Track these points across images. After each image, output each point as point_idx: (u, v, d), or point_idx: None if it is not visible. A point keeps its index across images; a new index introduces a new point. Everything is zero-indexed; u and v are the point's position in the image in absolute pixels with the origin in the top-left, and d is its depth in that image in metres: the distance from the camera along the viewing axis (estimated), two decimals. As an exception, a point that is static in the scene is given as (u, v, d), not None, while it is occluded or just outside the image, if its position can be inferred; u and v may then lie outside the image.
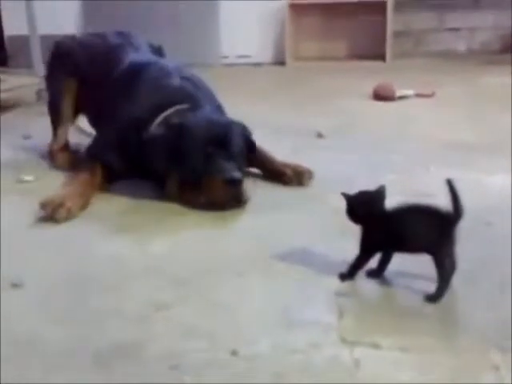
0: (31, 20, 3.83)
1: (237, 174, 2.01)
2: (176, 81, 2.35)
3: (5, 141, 3.01)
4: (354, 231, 1.52)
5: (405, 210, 1.48)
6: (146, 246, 1.79)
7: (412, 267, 1.54)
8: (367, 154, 2.62)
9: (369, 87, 3.91)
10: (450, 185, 1.45)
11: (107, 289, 1.54)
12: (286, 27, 5.65)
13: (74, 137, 2.79)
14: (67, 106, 2.68)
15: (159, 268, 1.64)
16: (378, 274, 1.54)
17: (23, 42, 4.16)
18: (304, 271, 1.59)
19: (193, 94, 2.30)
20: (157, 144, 2.12)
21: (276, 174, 2.33)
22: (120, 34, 2.82)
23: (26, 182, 2.40)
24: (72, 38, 2.91)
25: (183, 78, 2.39)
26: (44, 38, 4.02)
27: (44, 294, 1.53)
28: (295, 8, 5.75)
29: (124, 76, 2.48)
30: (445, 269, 1.42)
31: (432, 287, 1.42)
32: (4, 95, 3.71)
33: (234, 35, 5.79)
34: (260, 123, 3.21)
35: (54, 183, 2.34)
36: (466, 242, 1.50)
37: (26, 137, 3.06)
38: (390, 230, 1.47)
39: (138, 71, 2.43)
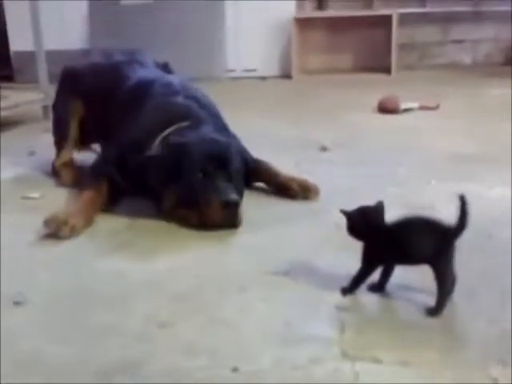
0: (37, 35, 3.86)
1: (233, 196, 2.00)
2: (180, 99, 2.35)
3: (10, 157, 3.02)
4: (356, 245, 1.52)
5: (405, 223, 1.48)
6: (147, 262, 1.79)
7: (413, 280, 1.54)
8: (371, 167, 2.62)
9: (374, 100, 3.92)
10: (462, 200, 1.44)
11: (109, 306, 1.54)
12: (291, 41, 5.67)
13: (78, 154, 2.81)
14: (73, 125, 2.71)
15: (161, 285, 1.64)
16: (380, 288, 1.53)
17: (29, 57, 4.20)
18: (306, 286, 1.59)
19: (195, 112, 2.31)
20: (154, 164, 2.12)
21: (282, 188, 2.33)
22: (126, 52, 2.85)
23: (31, 198, 2.41)
24: (81, 61, 2.96)
25: (188, 95, 2.40)
26: (50, 53, 4.05)
27: (46, 312, 1.53)
28: (301, 22, 5.78)
29: (130, 93, 2.50)
30: (445, 281, 1.42)
31: (433, 300, 1.41)
32: (10, 111, 3.73)
33: (239, 49, 5.82)
34: (265, 136, 3.23)
35: (59, 200, 2.36)
36: (467, 254, 1.50)
37: (31, 153, 3.07)
38: (391, 243, 1.47)
39: (144, 88, 2.45)
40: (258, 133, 3.30)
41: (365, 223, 1.50)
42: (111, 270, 1.74)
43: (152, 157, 2.15)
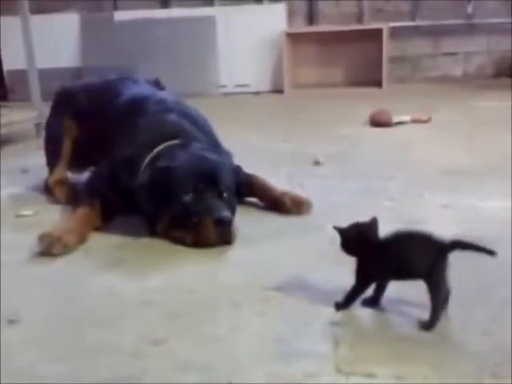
0: (30, 54, 3.88)
1: (225, 214, 1.99)
2: (173, 116, 2.36)
3: (3, 175, 3.03)
4: (350, 260, 1.52)
5: (398, 238, 1.48)
6: (141, 280, 1.78)
7: (407, 294, 1.54)
8: (364, 181, 2.63)
9: (366, 113, 3.95)
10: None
11: (103, 324, 1.54)
12: (283, 56, 5.72)
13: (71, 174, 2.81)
14: (67, 143, 2.71)
15: (154, 302, 1.63)
16: (374, 302, 1.53)
17: (22, 76, 4.21)
18: (299, 301, 1.59)
19: (187, 130, 2.30)
20: (143, 192, 2.10)
21: (275, 203, 2.33)
22: (120, 71, 2.89)
23: (25, 216, 2.41)
24: (75, 81, 2.98)
25: (181, 112, 2.40)
26: (42, 71, 4.07)
27: (40, 330, 1.53)
28: (292, 37, 5.82)
29: (123, 110, 2.50)
30: (439, 295, 1.42)
31: (426, 314, 1.42)
32: (3, 130, 3.73)
33: (231, 64, 5.86)
34: (258, 151, 3.24)
35: (53, 217, 2.36)
36: (461, 268, 1.50)
37: (24, 171, 3.08)
38: (384, 258, 1.47)
39: (137, 105, 2.46)
40: (251, 147, 3.32)
41: (359, 239, 1.50)
42: (105, 288, 1.73)
43: (140, 184, 2.12)
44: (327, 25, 5.93)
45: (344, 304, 1.52)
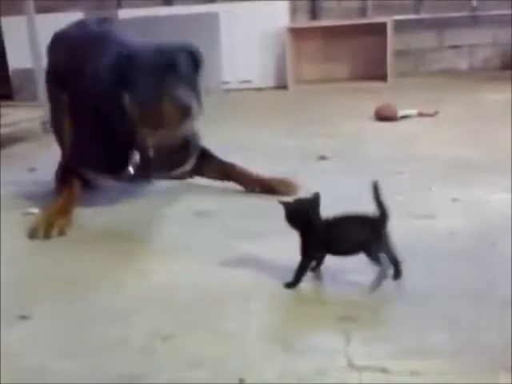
0: (36, 53, 3.88)
1: (185, 99, 2.11)
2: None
3: (10, 174, 3.03)
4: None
5: (336, 218, 1.59)
6: (147, 275, 1.78)
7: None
8: (370, 175, 2.60)
9: (371, 107, 3.93)
10: (375, 188, 1.57)
11: (111, 319, 1.54)
12: (286, 51, 5.70)
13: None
14: (66, 122, 2.68)
15: (161, 297, 1.63)
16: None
17: (28, 75, 4.22)
18: (308, 295, 1.59)
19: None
20: (108, 73, 2.25)
21: (263, 186, 2.46)
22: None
23: (32, 214, 2.41)
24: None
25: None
26: (47, 70, 4.07)
27: (50, 326, 1.53)
28: (295, 32, 5.80)
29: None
30: (380, 263, 1.54)
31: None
32: (9, 129, 3.74)
33: (234, 61, 5.85)
34: (262, 147, 3.23)
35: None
36: (470, 262, 1.50)
37: (31, 170, 3.08)
38: (324, 235, 1.57)
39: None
40: (256, 144, 3.31)
41: (300, 214, 1.59)
42: (112, 282, 1.74)
43: (106, 68, 2.28)
44: (330, 19, 5.91)
45: (293, 282, 1.59)
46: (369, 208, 1.58)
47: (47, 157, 2.88)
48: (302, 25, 5.94)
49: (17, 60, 5.50)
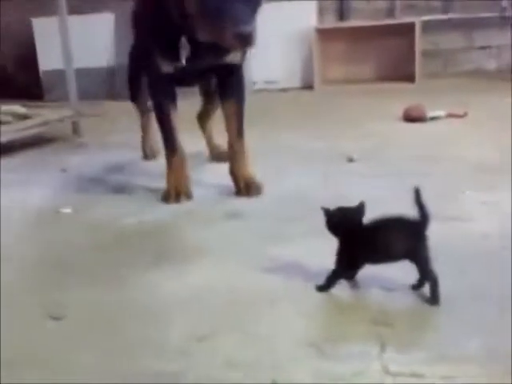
0: (67, 54, 3.93)
1: (250, 27, 2.24)
2: None
3: (43, 174, 3.09)
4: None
5: (376, 224, 1.56)
6: (182, 276, 1.81)
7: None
8: (399, 178, 2.61)
9: (399, 109, 3.91)
10: (417, 193, 1.55)
11: (146, 319, 1.56)
12: (313, 52, 5.68)
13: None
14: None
15: (196, 299, 1.65)
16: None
17: (58, 76, 4.27)
18: (340, 299, 1.60)
19: None
20: None
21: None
22: None
23: (64, 214, 2.45)
24: None
25: None
26: (78, 71, 4.12)
27: (84, 326, 1.56)
28: (322, 32, 5.79)
29: None
30: (429, 271, 1.51)
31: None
32: (40, 129, 3.79)
33: (261, 61, 5.84)
34: (289, 149, 3.24)
35: (92, 215, 2.40)
36: (502, 265, 1.48)
37: (63, 170, 3.13)
38: (365, 244, 1.55)
39: None
40: (284, 146, 3.32)
41: (342, 223, 1.58)
42: (148, 283, 1.76)
43: None
44: (358, 20, 5.88)
45: (325, 286, 1.60)
46: (398, 210, 1.57)
47: (78, 157, 2.93)
48: (329, 25, 5.93)
49: (48, 61, 5.56)
